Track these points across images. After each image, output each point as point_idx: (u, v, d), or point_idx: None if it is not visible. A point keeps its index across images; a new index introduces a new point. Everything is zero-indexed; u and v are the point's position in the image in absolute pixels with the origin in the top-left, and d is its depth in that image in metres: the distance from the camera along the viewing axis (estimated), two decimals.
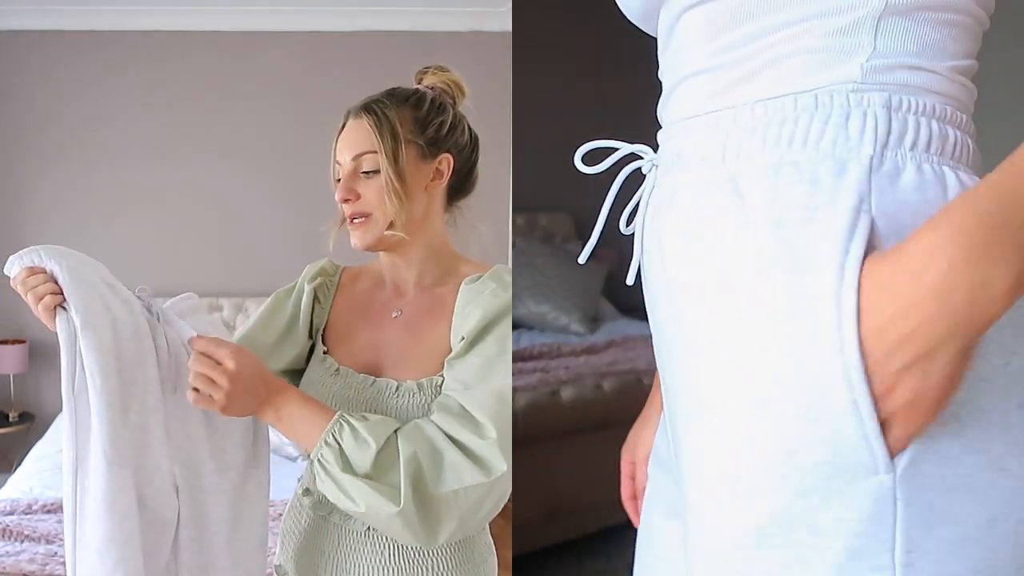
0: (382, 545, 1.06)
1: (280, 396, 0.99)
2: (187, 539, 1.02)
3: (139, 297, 1.02)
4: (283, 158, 3.69)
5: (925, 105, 0.61)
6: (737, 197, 0.62)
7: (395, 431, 0.96)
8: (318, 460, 0.96)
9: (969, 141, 0.63)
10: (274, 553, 1.25)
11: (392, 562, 1.05)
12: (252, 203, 3.70)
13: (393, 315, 1.11)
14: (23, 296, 0.96)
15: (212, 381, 0.95)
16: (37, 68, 3.69)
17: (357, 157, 1.06)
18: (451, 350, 1.03)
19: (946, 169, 0.60)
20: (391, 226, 1.05)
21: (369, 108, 1.07)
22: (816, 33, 0.60)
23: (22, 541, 2.19)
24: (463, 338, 1.01)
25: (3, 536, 2.21)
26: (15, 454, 3.41)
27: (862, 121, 0.59)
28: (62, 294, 0.95)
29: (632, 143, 0.80)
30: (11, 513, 2.37)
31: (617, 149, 0.79)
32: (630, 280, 0.79)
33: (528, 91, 2.75)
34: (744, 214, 0.61)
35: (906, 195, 0.58)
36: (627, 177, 0.80)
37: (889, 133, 0.59)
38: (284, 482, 1.60)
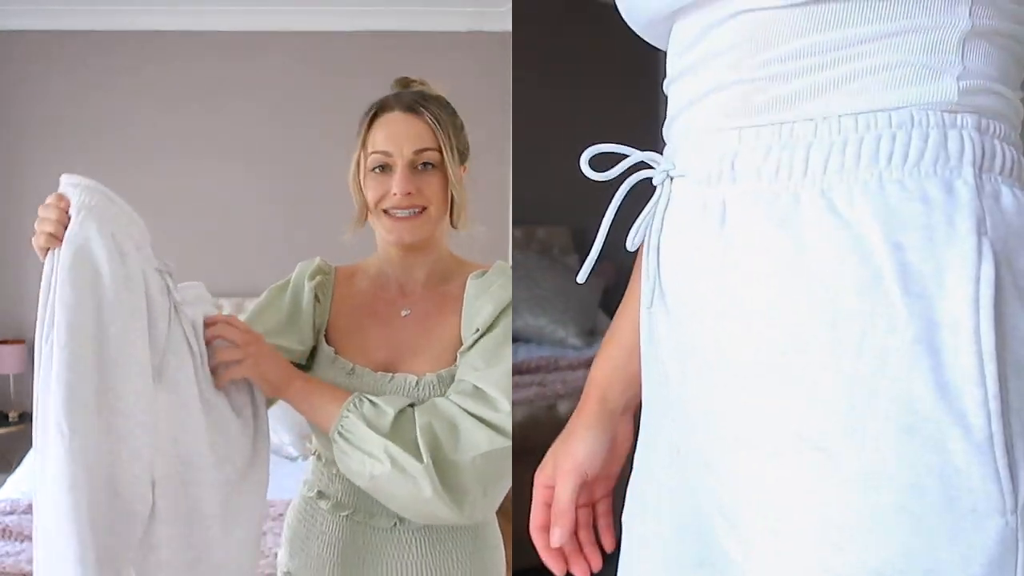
0: (408, 540, 1.08)
1: (300, 375, 1.05)
2: (172, 536, 0.93)
3: (160, 272, 0.94)
4: (283, 158, 3.69)
5: (1003, 130, 0.61)
6: (833, 214, 0.58)
7: (410, 406, 1.01)
8: (339, 431, 0.99)
9: None
10: (273, 554, 1.25)
11: (419, 555, 1.08)
12: (252, 203, 3.70)
13: (403, 314, 1.13)
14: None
15: (237, 350, 0.99)
16: (37, 68, 3.69)
17: (419, 151, 1.07)
18: (462, 341, 1.08)
19: None
20: (454, 222, 1.12)
21: (424, 106, 1.09)
22: (902, 48, 0.59)
23: (22, 541, 2.19)
24: (477, 329, 1.05)
25: (3, 536, 2.21)
26: (15, 454, 3.41)
27: (960, 142, 0.58)
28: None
29: (640, 150, 0.75)
30: (11, 513, 2.37)
31: (627, 156, 0.74)
32: (646, 304, 0.74)
33: (528, 91, 2.75)
34: (847, 232, 0.57)
35: (1010, 218, 0.58)
36: (629, 189, 0.74)
37: (983, 156, 0.59)
38: (284, 482, 1.61)
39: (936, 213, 0.56)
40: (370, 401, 1.00)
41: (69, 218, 0.89)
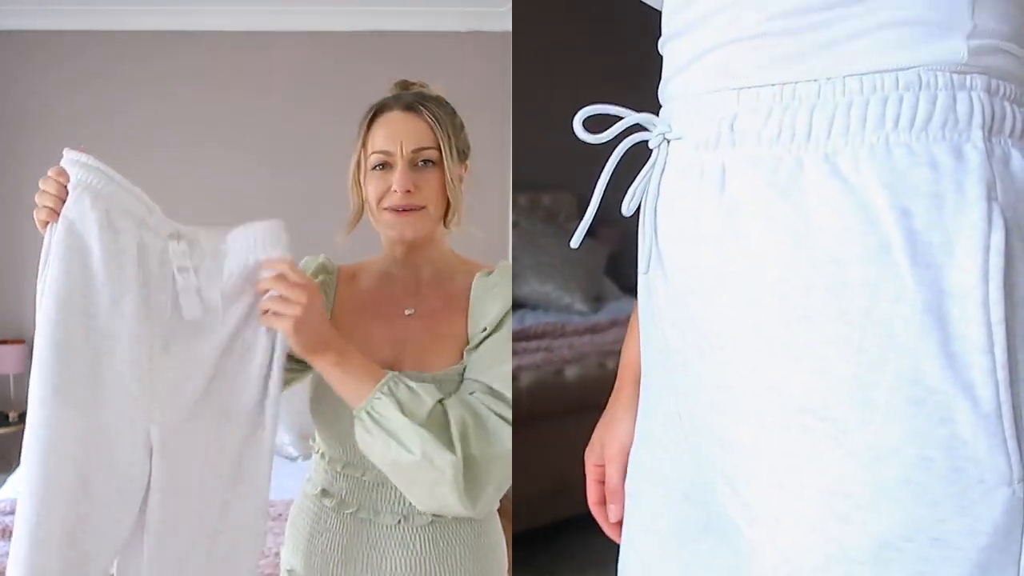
0: (412, 537, 1.08)
1: (342, 341, 1.01)
2: (169, 504, 0.95)
3: (174, 238, 0.96)
4: (283, 158, 3.69)
5: (1014, 91, 0.59)
6: (838, 179, 0.56)
7: (439, 400, 1.01)
8: (368, 412, 0.97)
9: None
10: (274, 553, 1.24)
11: (423, 553, 1.08)
12: (252, 203, 3.70)
13: (406, 312, 1.13)
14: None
15: (287, 300, 0.95)
16: (36, 68, 3.69)
17: (418, 150, 1.08)
18: (468, 339, 1.09)
19: None
20: (448, 220, 1.12)
21: (423, 105, 1.10)
22: (910, 5, 0.56)
23: None
24: (485, 328, 1.07)
25: (3, 536, 2.21)
26: (15, 454, 3.40)
27: (969, 104, 0.56)
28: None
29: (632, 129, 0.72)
30: (11, 513, 2.37)
31: (622, 118, 0.70)
32: (643, 269, 0.72)
33: (528, 91, 2.75)
34: (853, 198, 0.56)
35: (1020, 183, 0.56)
36: (626, 152, 0.71)
37: (993, 118, 0.57)
38: (285, 482, 1.60)
39: (945, 179, 0.55)
40: (407, 385, 0.99)
41: (67, 193, 0.92)
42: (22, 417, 3.62)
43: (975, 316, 0.53)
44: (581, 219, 0.71)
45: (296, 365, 1.08)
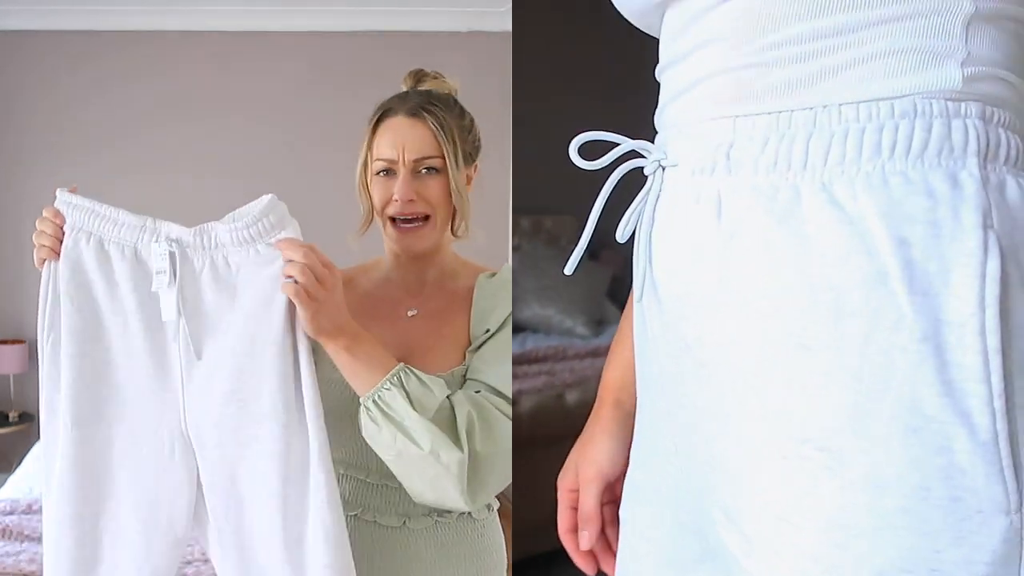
0: (414, 539, 1.08)
1: (357, 327, 0.99)
2: (211, 500, 0.98)
3: (169, 244, 0.97)
4: (284, 158, 3.69)
5: (1009, 118, 0.59)
6: (835, 207, 0.57)
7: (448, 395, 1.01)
8: (376, 401, 0.96)
9: None
10: None
11: (424, 554, 1.08)
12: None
13: (409, 313, 1.13)
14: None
15: (314, 283, 0.92)
16: (37, 69, 3.69)
17: (420, 159, 1.07)
18: (471, 340, 1.09)
19: None
20: (454, 228, 1.12)
21: (428, 111, 1.08)
22: (905, 34, 0.57)
23: (22, 541, 2.19)
24: (488, 329, 1.07)
25: (3, 536, 2.21)
26: (15, 454, 3.41)
27: (964, 132, 0.57)
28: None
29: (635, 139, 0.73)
30: (11, 513, 2.37)
31: (617, 144, 0.71)
32: (637, 296, 0.72)
33: (528, 91, 2.75)
34: (850, 227, 0.56)
35: (1015, 212, 0.56)
36: (622, 180, 0.72)
37: (988, 145, 0.57)
38: None
39: (941, 207, 0.55)
40: (418, 378, 0.97)
41: (63, 232, 0.98)
42: (22, 417, 3.62)
43: (972, 344, 0.53)
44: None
45: None
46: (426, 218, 1.08)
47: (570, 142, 0.70)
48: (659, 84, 0.74)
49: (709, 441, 0.65)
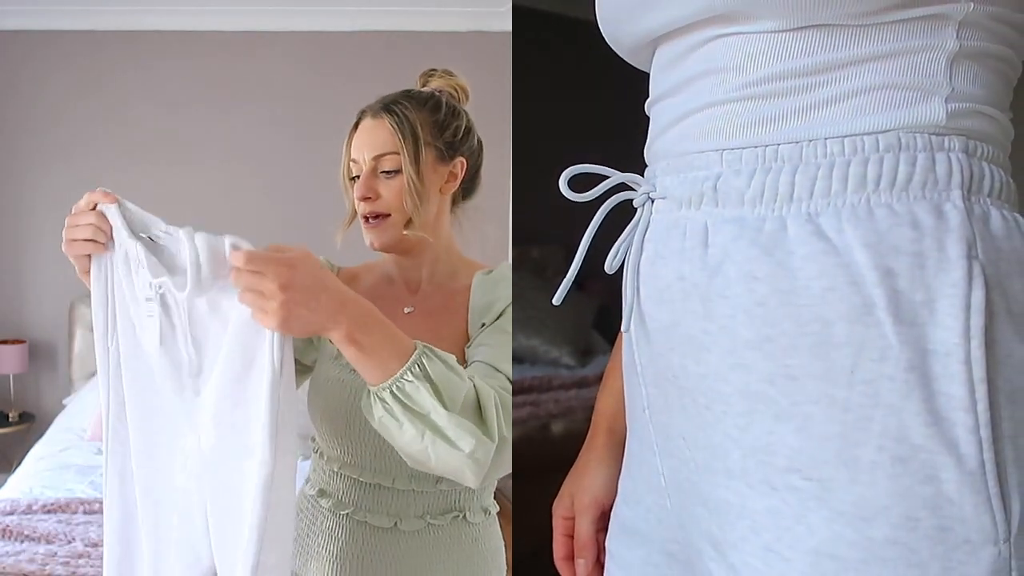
0: (408, 539, 1.07)
1: (355, 310, 0.84)
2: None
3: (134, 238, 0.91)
4: (284, 158, 3.69)
5: (992, 152, 0.60)
6: (821, 239, 0.57)
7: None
8: (394, 392, 0.84)
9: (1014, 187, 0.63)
10: None
11: (418, 555, 1.07)
12: (253, 202, 3.70)
13: (405, 311, 1.13)
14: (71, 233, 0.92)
15: (261, 294, 0.80)
16: (36, 68, 3.69)
17: (378, 157, 1.08)
18: (468, 338, 1.08)
19: (1017, 216, 0.60)
20: (408, 226, 1.09)
21: (389, 109, 1.09)
22: (890, 71, 0.58)
23: (22, 541, 2.19)
24: (483, 324, 1.06)
25: (3, 536, 2.21)
26: (15, 454, 3.41)
27: (948, 164, 0.58)
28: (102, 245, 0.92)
29: (624, 170, 0.73)
30: (11, 513, 2.37)
31: (607, 177, 0.71)
32: (624, 327, 0.73)
33: (528, 91, 2.75)
34: (836, 258, 0.57)
35: (999, 242, 0.57)
36: (611, 210, 0.71)
37: (971, 178, 0.58)
38: None
39: (926, 239, 0.56)
40: (442, 361, 0.86)
41: (103, 234, 0.92)
42: (22, 417, 3.62)
43: (958, 374, 0.54)
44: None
45: (299, 367, 1.07)
46: (386, 216, 1.08)
47: (561, 171, 0.70)
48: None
49: (696, 472, 0.65)
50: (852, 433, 0.55)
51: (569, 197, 0.70)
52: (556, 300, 0.73)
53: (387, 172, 1.08)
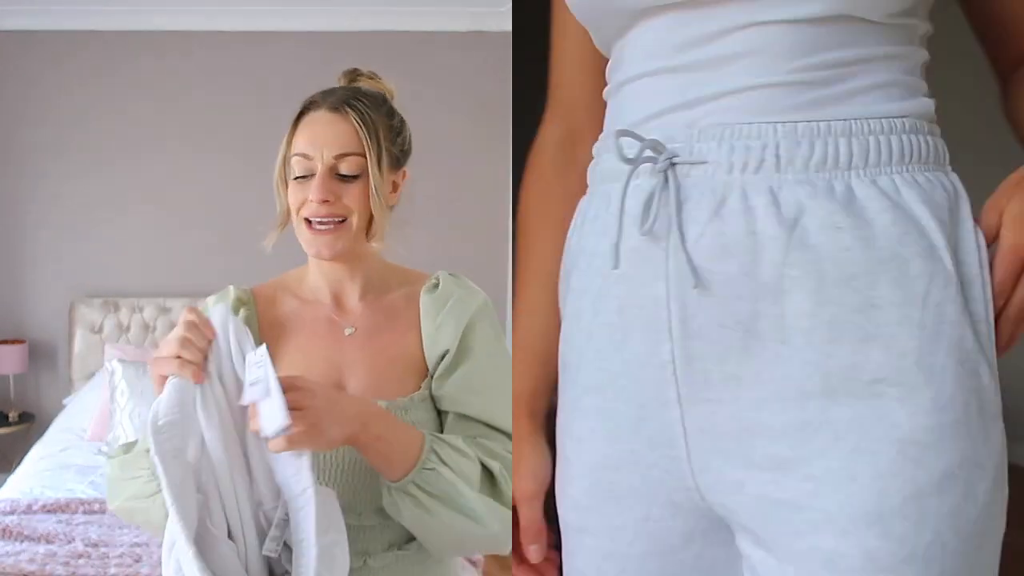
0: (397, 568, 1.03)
1: (367, 413, 0.89)
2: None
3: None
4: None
5: (942, 133, 0.78)
6: (886, 198, 0.71)
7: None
8: (419, 484, 0.88)
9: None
10: None
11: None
12: (251, 203, 3.68)
13: (347, 332, 1.04)
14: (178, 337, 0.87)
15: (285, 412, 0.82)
16: (37, 68, 3.69)
17: (340, 156, 0.99)
18: (426, 364, 1.02)
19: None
20: (370, 235, 1.01)
21: (352, 106, 1.00)
22: (890, 69, 0.73)
23: (22, 541, 2.19)
24: (447, 351, 1.00)
25: (3, 536, 2.21)
26: (15, 454, 3.41)
27: (936, 143, 0.75)
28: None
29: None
30: (11, 513, 2.37)
31: (642, 140, 0.76)
32: (614, 266, 0.76)
33: (528, 91, 2.75)
34: (902, 211, 0.70)
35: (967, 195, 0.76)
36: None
37: (946, 153, 0.76)
38: None
39: (952, 198, 0.73)
40: (450, 445, 0.89)
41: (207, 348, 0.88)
42: (22, 417, 3.62)
43: (979, 296, 0.71)
44: None
45: None
46: (343, 220, 0.99)
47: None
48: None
49: (747, 409, 0.73)
50: (927, 345, 0.69)
51: (624, 156, 0.75)
52: (614, 266, 0.76)
53: (345, 176, 0.99)
